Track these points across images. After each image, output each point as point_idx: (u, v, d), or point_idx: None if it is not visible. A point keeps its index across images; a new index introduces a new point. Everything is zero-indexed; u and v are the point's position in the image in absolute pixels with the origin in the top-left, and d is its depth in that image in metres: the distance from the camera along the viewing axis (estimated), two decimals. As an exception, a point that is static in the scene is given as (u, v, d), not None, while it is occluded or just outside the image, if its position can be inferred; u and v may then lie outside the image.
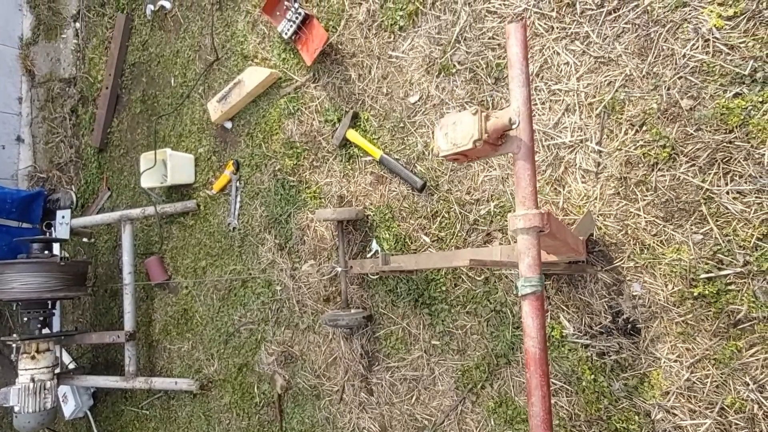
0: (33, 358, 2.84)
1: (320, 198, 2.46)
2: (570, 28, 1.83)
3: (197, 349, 2.89)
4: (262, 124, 2.68)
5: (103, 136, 3.53)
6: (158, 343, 3.09)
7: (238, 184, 2.76)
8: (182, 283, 2.98)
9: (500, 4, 1.98)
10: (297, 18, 2.40)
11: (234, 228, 2.77)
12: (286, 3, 2.45)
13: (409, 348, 2.19)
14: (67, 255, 2.85)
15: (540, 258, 0.91)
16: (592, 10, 1.79)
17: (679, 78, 1.63)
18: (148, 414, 3.09)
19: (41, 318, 2.92)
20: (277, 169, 2.61)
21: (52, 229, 3.11)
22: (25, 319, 2.92)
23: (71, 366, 3.41)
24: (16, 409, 2.77)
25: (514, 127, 0.94)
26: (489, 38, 2.01)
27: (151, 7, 3.22)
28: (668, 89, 1.64)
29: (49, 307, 2.94)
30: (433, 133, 1.86)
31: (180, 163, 2.91)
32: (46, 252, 2.94)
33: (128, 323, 2.94)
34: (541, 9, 1.89)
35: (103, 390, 3.37)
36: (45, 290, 2.79)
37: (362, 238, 2.33)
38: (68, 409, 3.34)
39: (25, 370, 2.82)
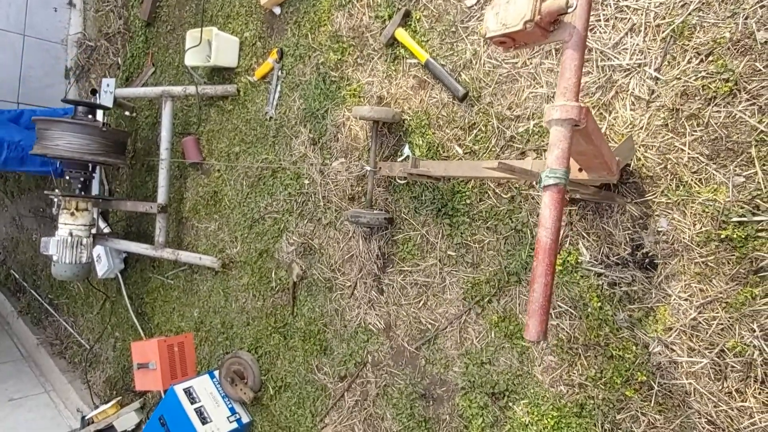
0: (72, 214, 3.02)
1: (360, 96, 2.43)
2: (653, -62, 1.67)
3: (222, 230, 3.02)
4: (311, 14, 2.61)
5: (152, 9, 3.50)
6: (187, 220, 3.23)
7: (279, 73, 2.74)
8: (215, 165, 3.06)
9: None
10: None
11: (271, 117, 2.79)
12: None
13: (424, 255, 2.23)
14: (109, 123, 2.94)
15: (569, 152, 0.89)
16: None
17: (762, 7, 1.49)
18: (173, 284, 3.30)
19: (82, 179, 3.07)
20: (320, 62, 2.57)
21: (97, 96, 3.18)
22: (67, 177, 3.07)
23: (106, 230, 3.61)
24: (55, 258, 2.99)
25: (570, 11, 0.89)
26: (562, -57, 1.86)
27: None
28: (746, 18, 1.51)
29: (90, 169, 3.08)
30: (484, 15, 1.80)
31: (225, 44, 2.88)
32: (90, 117, 3.04)
33: (161, 196, 3.07)
34: None
35: (133, 257, 3.59)
36: (86, 152, 2.91)
37: (395, 142, 2.33)
38: (101, 269, 3.59)
39: (65, 224, 3.01)
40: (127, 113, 3.67)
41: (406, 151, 2.28)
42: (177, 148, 3.25)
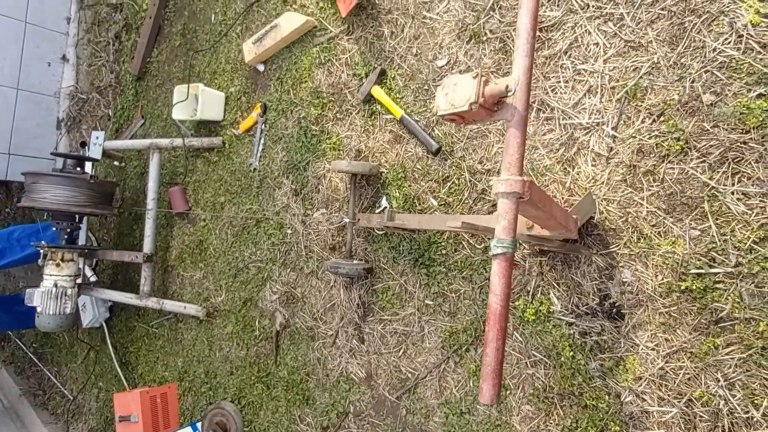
0: (57, 265, 3.05)
1: (339, 150, 2.52)
2: (606, 8, 1.80)
3: (208, 279, 3.05)
4: (293, 71, 2.72)
5: (142, 64, 3.63)
6: (173, 269, 3.26)
7: (263, 126, 2.84)
8: (201, 215, 3.12)
9: (540, -24, 1.95)
10: (338, -33, 2.41)
11: (255, 169, 2.87)
12: (329, -49, 2.45)
13: (403, 304, 2.27)
14: (96, 175, 3.00)
15: (515, 223, 0.96)
16: (631, -9, 1.75)
17: (706, 72, 1.60)
18: (157, 333, 3.30)
19: (68, 230, 3.11)
20: (301, 116, 2.67)
21: (86, 148, 3.26)
22: (54, 228, 3.11)
23: (92, 279, 3.63)
24: (39, 309, 3.00)
25: (509, 94, 0.97)
26: (524, 9, 1.99)
27: (200, -60, 3.24)
28: (693, 82, 1.62)
29: (77, 220, 3.13)
30: (435, 95, 1.89)
31: (211, 99, 2.99)
32: (78, 169, 3.11)
33: (147, 246, 3.10)
34: (580, -15, 1.86)
35: (118, 305, 3.59)
36: (73, 204, 2.97)
37: (373, 194, 2.40)
38: (86, 318, 3.58)
39: (50, 275, 3.03)
40: (116, 163, 3.75)
41: (384, 202, 2.35)
42: (164, 198, 3.31)
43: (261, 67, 2.88)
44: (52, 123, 4.30)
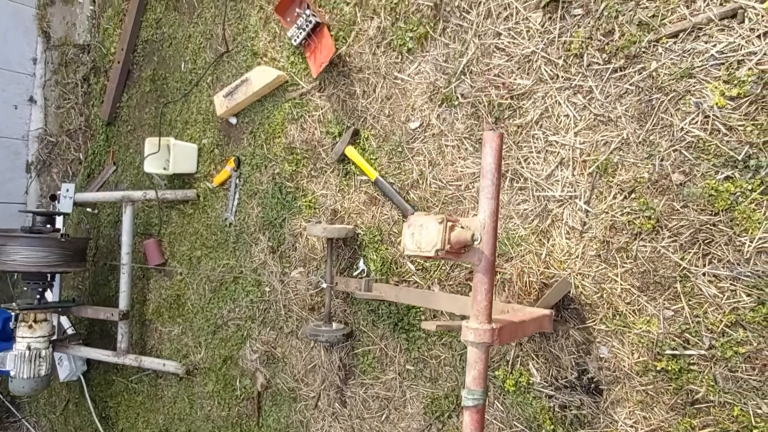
0: (30, 327, 2.97)
1: (315, 208, 2.49)
2: (574, 79, 1.80)
3: (186, 335, 2.99)
4: (265, 125, 2.68)
5: (112, 110, 3.55)
6: (151, 323, 3.19)
7: (237, 181, 2.79)
8: (177, 268, 3.06)
9: (510, 42, 1.94)
10: (308, 26, 2.37)
11: (231, 224, 2.82)
12: (297, 9, 2.42)
13: (384, 368, 2.25)
14: (68, 233, 2.93)
15: (486, 371, 0.94)
16: (599, 64, 1.75)
17: (674, 150, 1.61)
18: (137, 388, 3.23)
19: (40, 289, 3.02)
20: (276, 172, 2.64)
21: (56, 201, 3.18)
22: (25, 288, 3.03)
23: (69, 331, 3.54)
24: (12, 374, 2.91)
25: (476, 243, 0.95)
26: (495, 75, 1.98)
27: (167, -15, 3.18)
28: (662, 160, 1.63)
29: (49, 279, 3.05)
30: (402, 232, 1.88)
31: (183, 152, 2.93)
32: (48, 226, 3.03)
33: (123, 302, 3.04)
34: (548, 54, 1.86)
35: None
36: (45, 264, 2.89)
37: (351, 255, 2.37)
38: (63, 372, 3.49)
39: (22, 338, 2.95)
40: (89, 210, 3.66)
41: (361, 265, 2.32)
42: (139, 249, 3.25)
43: (233, 120, 2.83)
44: (21, 167, 4.19)
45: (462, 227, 0.96)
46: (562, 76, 1.82)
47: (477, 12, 2.02)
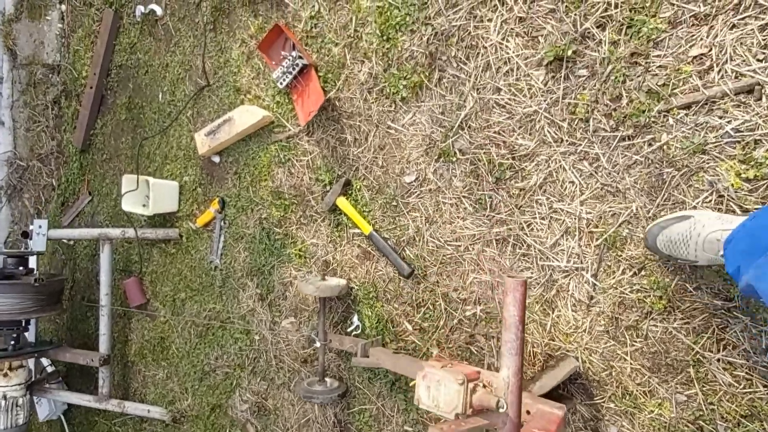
0: (5, 375, 2.82)
1: (306, 257, 2.38)
2: (580, 145, 1.71)
3: (172, 379, 2.88)
4: (251, 167, 2.55)
5: (85, 137, 3.36)
6: (133, 365, 3.07)
7: (222, 223, 2.66)
8: (160, 311, 2.93)
9: (510, 99, 1.85)
10: (294, 68, 2.24)
11: (216, 267, 2.70)
12: (283, 52, 2.27)
13: (381, 428, 2.18)
14: (42, 277, 2.77)
15: None
16: (606, 131, 1.67)
17: (687, 229, 1.54)
18: (120, 431, 3.12)
19: (15, 335, 2.87)
20: (263, 216, 2.51)
21: (29, 239, 3.00)
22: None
23: (49, 369, 3.39)
24: (-13, 426, 2.77)
25: (501, 411, 0.87)
26: (494, 132, 1.88)
27: (141, 8, 2.99)
28: (674, 238, 1.56)
29: (24, 324, 2.89)
30: (414, 382, 1.76)
31: (164, 191, 2.78)
32: (21, 268, 2.86)
33: (103, 346, 2.90)
34: (552, 115, 1.76)
35: (77, 396, 3.38)
36: (18, 311, 2.74)
37: (345, 309, 2.28)
38: (42, 412, 3.36)
39: (-3, 387, 2.80)
40: (65, 240, 3.49)
41: (356, 321, 2.23)
42: (119, 286, 3.10)
43: (216, 159, 2.68)
44: (-11, 192, 3.97)
45: (484, 386, 0.88)
46: (567, 140, 1.74)
47: (475, 64, 1.91)
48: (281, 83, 2.28)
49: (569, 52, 1.70)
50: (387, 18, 2.09)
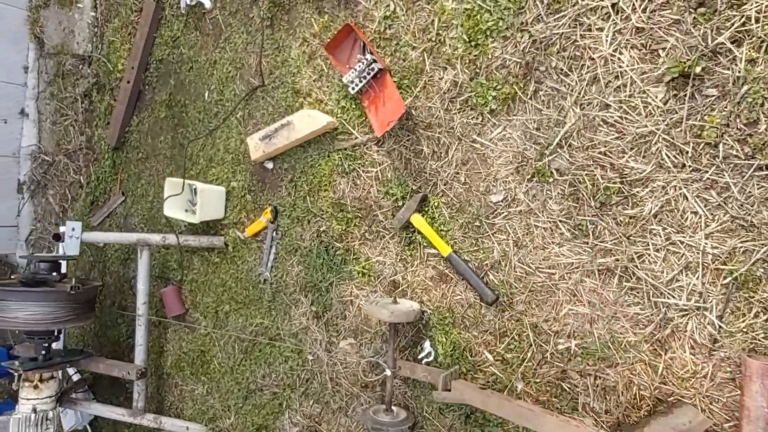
0: (36, 387, 2.65)
1: (370, 275, 2.22)
2: (706, 172, 1.56)
3: (213, 395, 2.72)
4: (309, 175, 2.38)
5: (120, 134, 3.18)
6: (169, 377, 2.91)
7: (274, 234, 2.49)
8: (200, 322, 2.77)
9: (621, 117, 1.69)
10: (369, 73, 2.07)
11: (265, 280, 2.53)
12: (358, 55, 2.10)
13: (453, 463, 2.03)
14: (78, 284, 2.60)
15: None
16: (739, 159, 1.51)
17: (837, 272, 1.39)
18: (154, 447, 2.96)
19: (45, 344, 2.70)
20: (321, 229, 2.35)
21: (61, 241, 2.83)
22: (29, 344, 2.70)
23: (75, 377, 3.23)
24: (16, 441, 2.61)
25: None
26: (600, 153, 1.72)
27: (186, 0, 2.80)
28: (820, 282, 1.41)
29: (56, 333, 2.72)
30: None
31: (210, 197, 2.62)
32: (54, 273, 2.69)
33: (139, 357, 2.73)
34: (672, 138, 1.61)
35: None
36: (51, 321, 2.57)
37: (415, 333, 2.12)
38: (68, 422, 3.20)
39: (27, 399, 2.63)
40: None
41: (427, 347, 2.08)
42: (155, 294, 2.93)
43: (269, 165, 2.51)
44: (11, 186, 3.79)
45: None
46: (690, 166, 1.58)
47: (578, 76, 1.75)
48: (353, 88, 2.12)
49: (697, 69, 1.54)
50: (476, 22, 1.92)
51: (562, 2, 1.77)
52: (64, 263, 2.85)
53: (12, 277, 2.95)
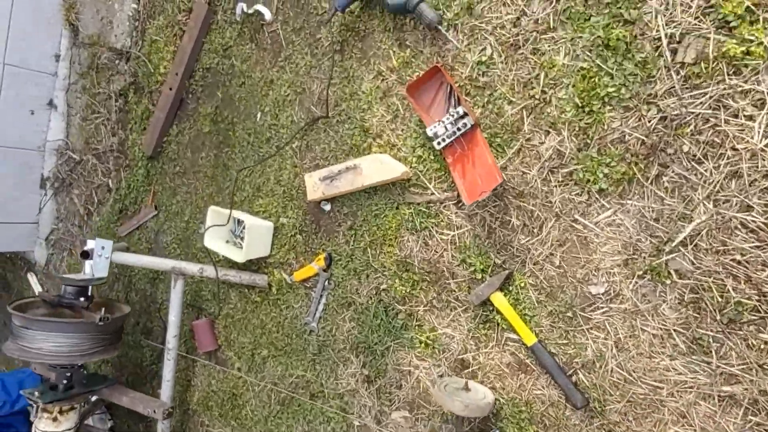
0: (55, 420, 2.48)
1: (434, 347, 2.01)
2: None
3: (242, 443, 2.54)
4: (372, 225, 2.15)
5: (157, 142, 2.95)
6: (194, 414, 2.73)
7: (326, 283, 2.27)
8: (234, 362, 2.57)
9: (764, 224, 1.44)
10: (460, 129, 1.82)
11: (311, 331, 2.32)
12: (450, 109, 1.85)
13: None
14: (108, 315, 2.39)
15: None
16: None
17: None
18: (173, 483, 2.80)
19: (68, 374, 2.51)
20: (382, 287, 2.13)
21: (89, 259, 2.61)
22: (52, 374, 2.51)
23: (92, 398, 3.05)
24: (32, 476, 2.44)
25: None
26: (734, 261, 1.48)
27: (243, 6, 2.53)
28: None
29: (79, 365, 2.53)
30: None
31: (258, 233, 2.39)
32: (82, 298, 2.48)
33: (165, 394, 2.55)
34: (831, 260, 1.37)
35: (123, 422, 3.05)
36: (77, 354, 2.38)
37: (482, 420, 1.92)
38: (82, 444, 3.03)
39: (45, 432, 2.46)
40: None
41: (498, 439, 1.87)
42: (185, 324, 2.73)
43: (327, 206, 2.28)
44: (34, 181, 3.58)
45: None
46: None
47: (715, 167, 1.50)
48: (438, 143, 1.87)
49: None
50: (593, 85, 1.66)
51: (703, 77, 1.51)
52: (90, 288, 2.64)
53: (36, 293, 2.73)
